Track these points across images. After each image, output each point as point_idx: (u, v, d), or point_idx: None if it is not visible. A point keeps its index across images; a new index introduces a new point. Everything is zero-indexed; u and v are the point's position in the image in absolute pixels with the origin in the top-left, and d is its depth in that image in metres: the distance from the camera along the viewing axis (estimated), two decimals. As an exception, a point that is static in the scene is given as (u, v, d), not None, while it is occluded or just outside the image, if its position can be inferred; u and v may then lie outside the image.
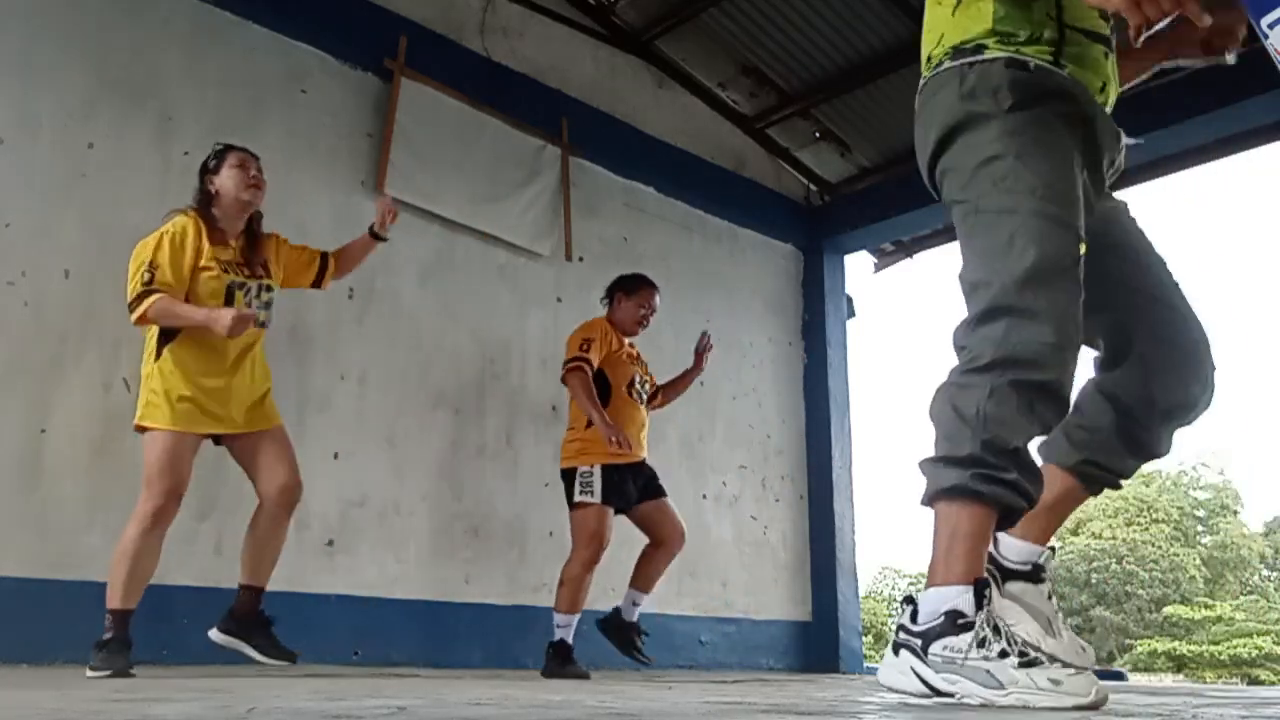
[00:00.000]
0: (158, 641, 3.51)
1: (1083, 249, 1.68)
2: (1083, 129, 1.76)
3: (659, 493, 3.96)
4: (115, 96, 3.79)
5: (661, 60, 5.81)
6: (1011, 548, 1.87)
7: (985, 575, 1.62)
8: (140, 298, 2.90)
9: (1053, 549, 1.88)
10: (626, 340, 4.07)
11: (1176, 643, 25.97)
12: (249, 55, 4.17)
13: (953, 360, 1.74)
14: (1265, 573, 32.41)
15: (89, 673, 2.85)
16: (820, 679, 4.16)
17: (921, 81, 1.89)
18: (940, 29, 1.85)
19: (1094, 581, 28.28)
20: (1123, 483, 1.95)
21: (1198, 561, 30.65)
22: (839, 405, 6.23)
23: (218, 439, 3.12)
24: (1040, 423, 1.65)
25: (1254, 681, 23.24)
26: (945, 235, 6.59)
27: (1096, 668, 1.85)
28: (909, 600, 1.66)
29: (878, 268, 6.89)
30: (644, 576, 3.97)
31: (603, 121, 5.41)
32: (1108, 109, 1.84)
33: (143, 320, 2.93)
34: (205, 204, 3.11)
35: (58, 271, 3.55)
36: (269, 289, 3.15)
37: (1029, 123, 1.70)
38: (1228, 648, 24.96)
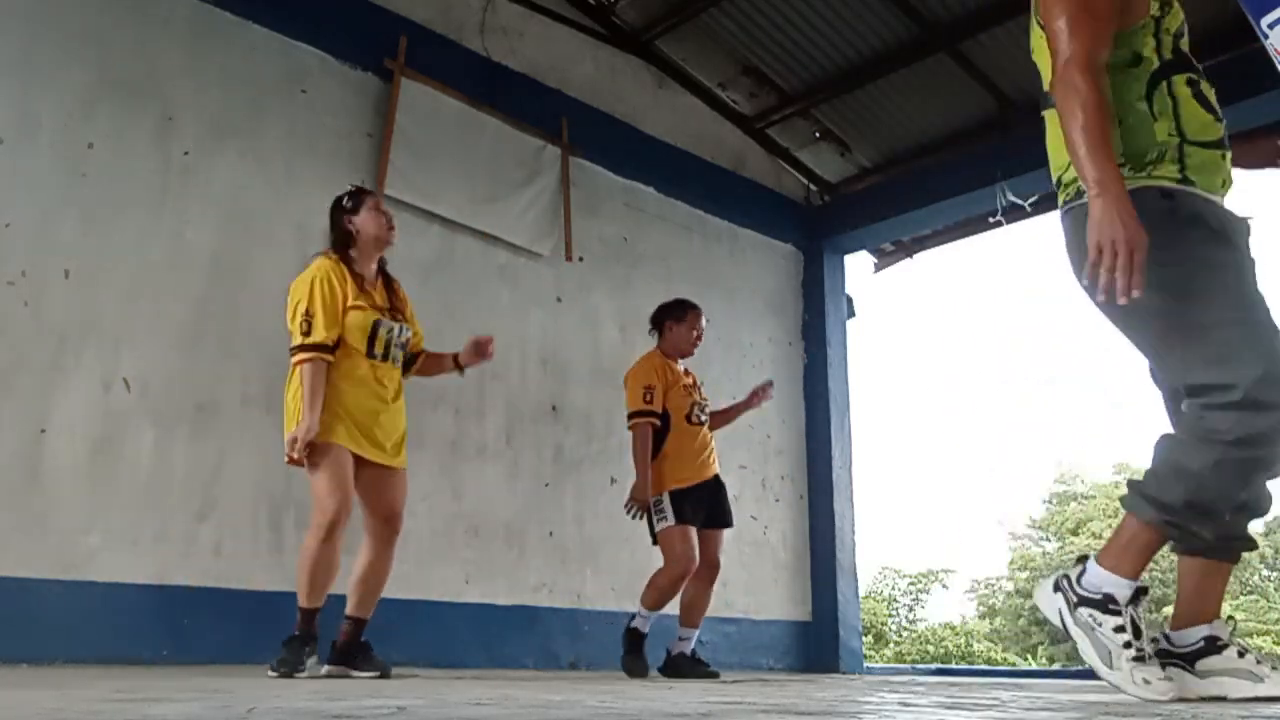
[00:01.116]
0: (158, 641, 3.51)
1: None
2: (1235, 230, 1.96)
3: (719, 523, 4.06)
4: (115, 96, 3.79)
5: (661, 60, 5.82)
6: (1179, 638, 2.03)
7: (1145, 583, 1.92)
8: (298, 350, 3.04)
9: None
10: (681, 366, 4.14)
11: (1177, 643, 25.92)
12: (249, 55, 4.17)
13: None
14: (1265, 573, 32.40)
15: (269, 672, 2.95)
16: (820, 679, 4.16)
17: (1064, 208, 2.04)
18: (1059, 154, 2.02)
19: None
20: (1253, 543, 2.09)
21: (1198, 562, 30.51)
22: (839, 405, 6.23)
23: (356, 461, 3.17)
24: (1252, 490, 1.89)
25: (1254, 681, 23.19)
26: (945, 235, 6.60)
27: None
28: (1083, 559, 1.98)
29: (878, 268, 6.89)
30: (688, 611, 4.07)
31: (603, 121, 5.41)
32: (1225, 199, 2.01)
33: (299, 360, 3.05)
34: (344, 244, 3.20)
35: (58, 271, 3.55)
36: (404, 329, 3.25)
37: (1192, 241, 1.90)
38: (1228, 648, 24.93)
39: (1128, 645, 1.86)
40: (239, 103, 4.10)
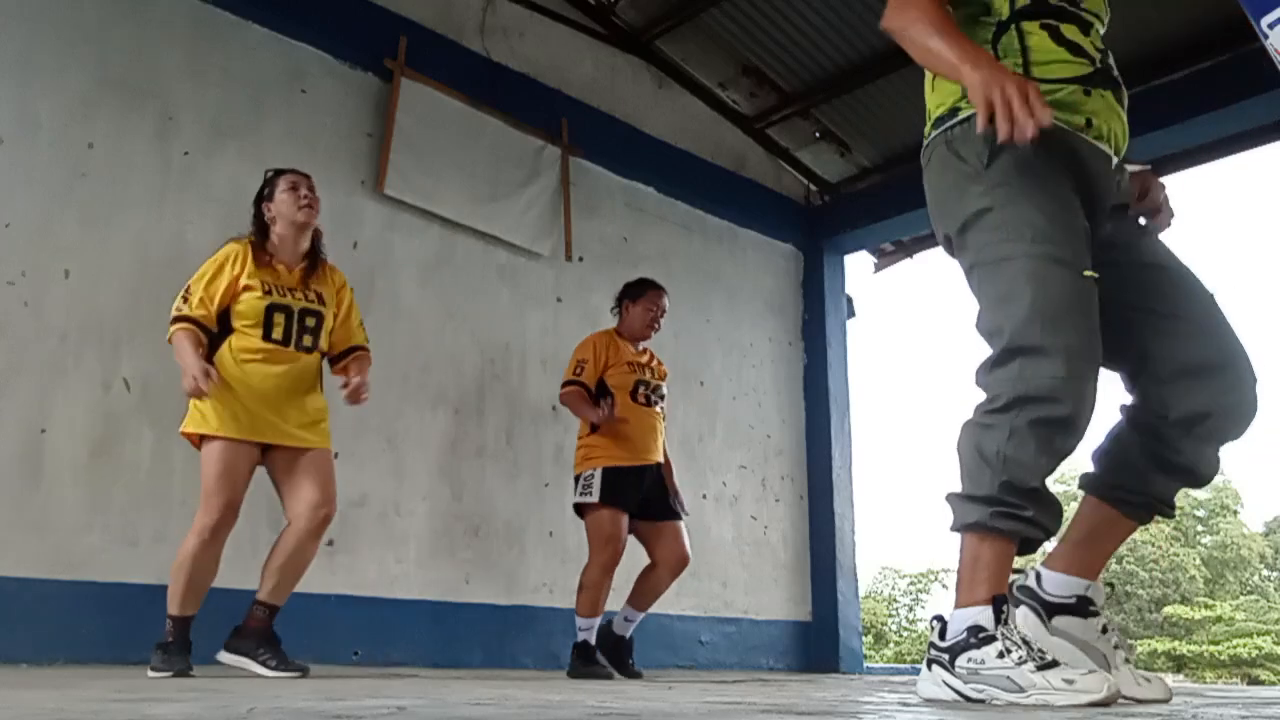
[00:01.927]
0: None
1: (1087, 275, 1.73)
2: (1070, 166, 1.81)
3: (667, 515, 3.91)
4: (115, 96, 3.79)
5: (661, 60, 5.81)
6: (1053, 581, 1.89)
7: (1004, 594, 1.71)
8: (172, 321, 2.99)
9: (1110, 585, 1.85)
10: (636, 346, 4.06)
11: (1176, 643, 25.98)
12: (249, 55, 4.17)
13: (968, 388, 1.78)
14: (1265, 573, 32.40)
15: (150, 672, 2.89)
16: (820, 679, 4.16)
17: (926, 134, 1.96)
18: (928, 106, 1.94)
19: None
20: (1169, 509, 1.93)
21: (1198, 561, 30.65)
22: (839, 405, 6.23)
23: (265, 449, 3.08)
24: (1059, 455, 1.73)
25: (1254, 681, 23.25)
26: (945, 235, 6.59)
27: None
28: (939, 619, 1.77)
29: (878, 268, 6.89)
30: (639, 595, 3.94)
31: (603, 121, 5.41)
32: (1101, 141, 1.86)
33: (171, 335, 3.00)
34: (261, 231, 3.15)
35: (58, 271, 3.55)
36: (313, 314, 3.11)
37: (1011, 170, 1.77)
38: (1228, 648, 24.97)
39: (1022, 661, 1.64)
40: (239, 103, 4.10)
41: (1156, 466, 1.88)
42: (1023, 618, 1.88)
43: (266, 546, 3.84)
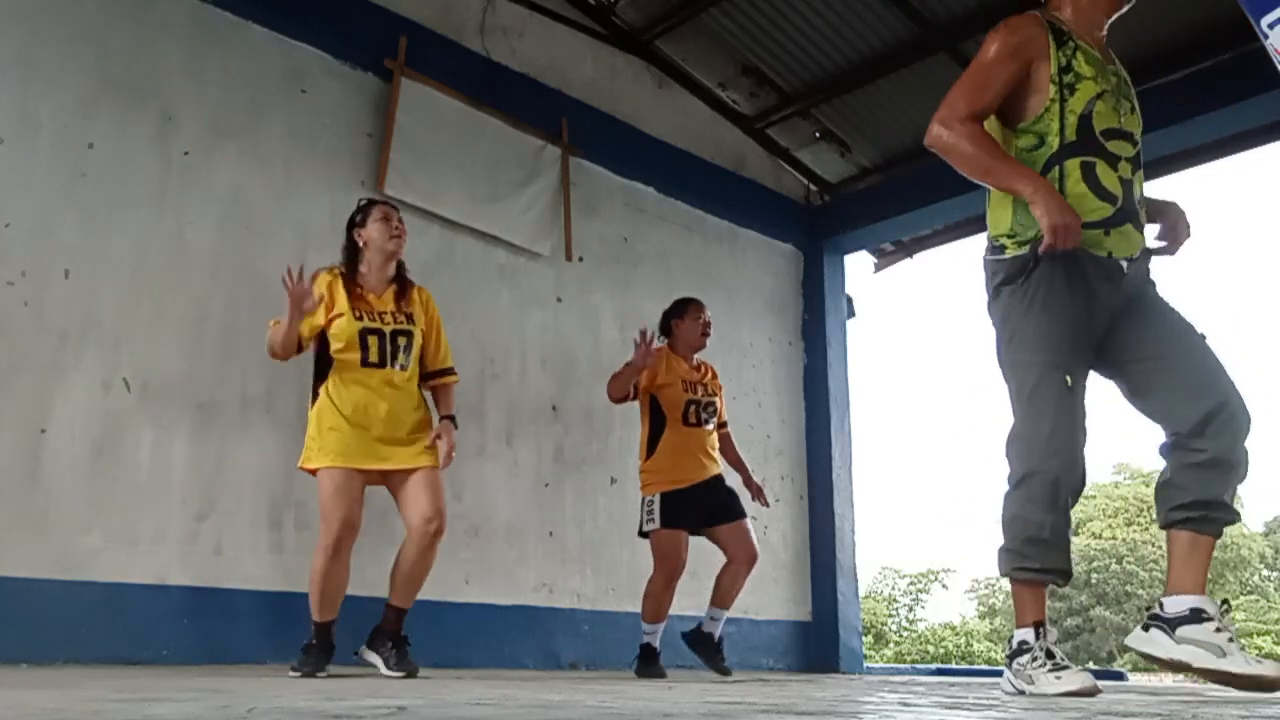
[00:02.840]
0: (158, 641, 3.51)
1: (1068, 381, 2.30)
2: (1087, 282, 2.33)
3: (733, 516, 4.11)
4: (115, 96, 3.79)
5: (661, 60, 5.81)
6: (1172, 603, 2.32)
7: (1043, 619, 2.32)
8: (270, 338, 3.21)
9: (1226, 602, 2.32)
10: (690, 363, 4.23)
11: (1176, 643, 25.91)
12: (249, 55, 4.17)
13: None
14: (1265, 573, 32.39)
15: (290, 671, 3.09)
16: (820, 679, 4.16)
17: (987, 249, 2.50)
18: (989, 212, 2.50)
19: (1094, 581, 28.28)
20: (1229, 510, 2.32)
21: (1197, 561, 30.49)
22: (839, 405, 6.23)
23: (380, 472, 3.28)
24: (1063, 508, 2.30)
25: (1254, 681, 23.18)
26: (945, 235, 6.59)
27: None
28: (1010, 639, 2.41)
29: (878, 268, 6.89)
30: (719, 593, 4.14)
31: (603, 121, 5.41)
32: (1117, 258, 2.37)
33: (271, 352, 3.23)
34: (352, 257, 3.34)
35: (58, 271, 3.55)
36: (405, 334, 3.30)
37: (1025, 294, 2.35)
38: (1228, 648, 24.92)
39: (1040, 665, 2.25)
40: (239, 103, 4.10)
41: (1192, 474, 2.29)
42: (1152, 637, 2.34)
43: (268, 547, 3.86)
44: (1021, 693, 2.27)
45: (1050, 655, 2.26)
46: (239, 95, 4.11)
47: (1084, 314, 2.34)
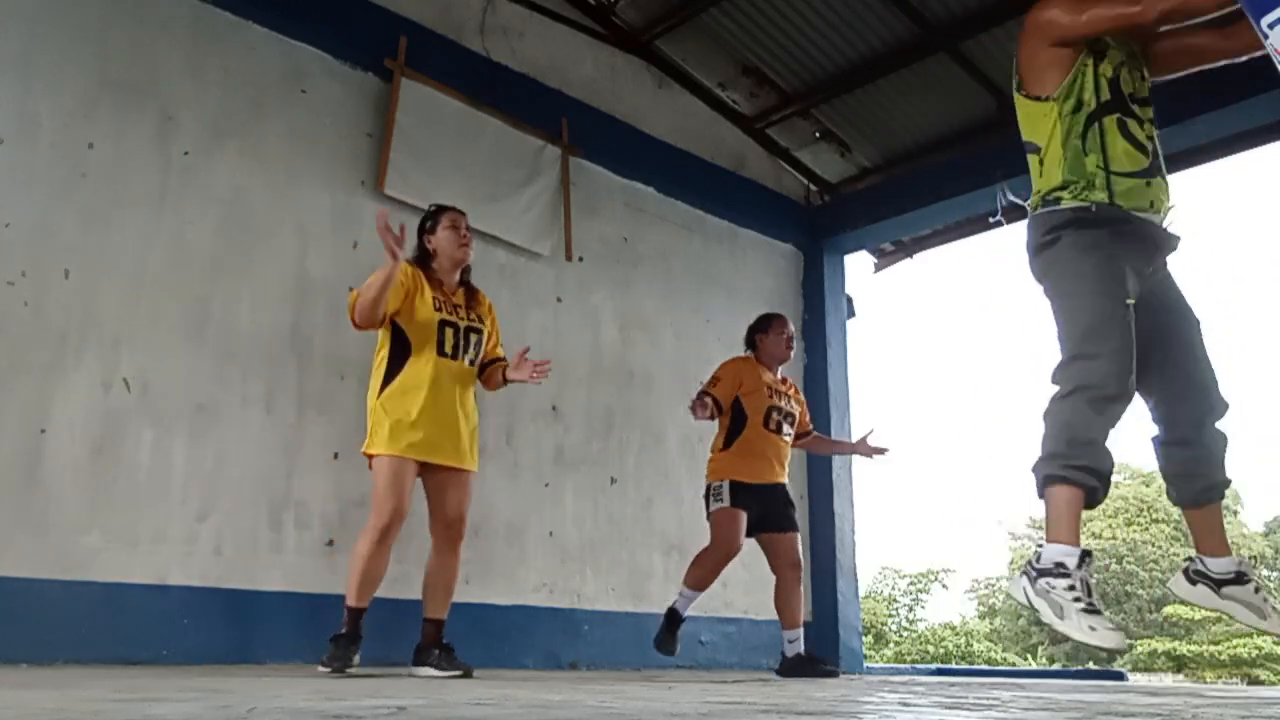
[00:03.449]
0: (158, 641, 3.51)
1: (1129, 303, 2.38)
2: (1129, 238, 2.46)
3: (785, 528, 4.27)
4: (115, 96, 3.78)
5: (661, 60, 5.81)
6: (1216, 564, 2.48)
7: (1088, 548, 2.29)
8: (351, 308, 3.26)
9: (1251, 558, 2.41)
10: (774, 373, 4.42)
11: (1176, 643, 25.96)
12: (249, 55, 4.17)
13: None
14: (1265, 573, 32.39)
15: (319, 667, 3.14)
16: (820, 679, 4.16)
17: (1029, 214, 2.62)
18: (1035, 180, 2.61)
19: (1094, 581, 28.35)
20: (1220, 476, 2.47)
21: (1197, 561, 30.49)
22: (839, 405, 6.23)
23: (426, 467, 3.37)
24: (1110, 418, 2.32)
25: (1254, 681, 23.24)
26: (945, 235, 6.59)
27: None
28: (1039, 547, 2.36)
29: (878, 268, 6.89)
30: (783, 614, 4.27)
31: (603, 121, 5.41)
32: (1160, 215, 2.52)
33: (352, 317, 3.26)
34: (423, 259, 3.47)
35: (58, 271, 3.55)
36: (476, 331, 3.46)
37: (1083, 239, 2.47)
38: (1228, 648, 24.95)
39: (1077, 599, 2.18)
40: (239, 103, 4.10)
41: (1203, 462, 2.44)
42: (1199, 591, 2.47)
43: (268, 547, 3.86)
44: (1034, 608, 2.24)
45: (1088, 591, 2.21)
46: (239, 95, 4.11)
47: (1135, 262, 2.46)
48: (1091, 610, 2.18)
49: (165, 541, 3.60)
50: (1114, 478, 2.49)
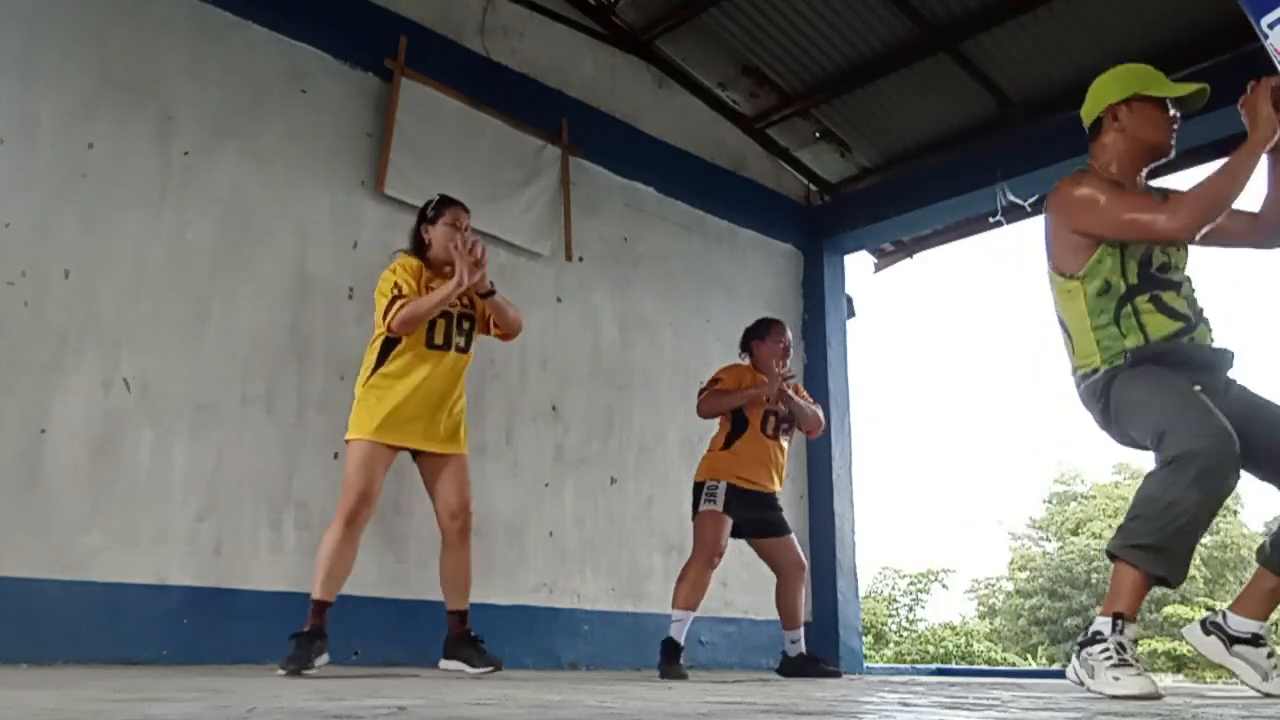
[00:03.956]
0: (158, 641, 3.51)
1: (1196, 388, 2.44)
2: (1178, 364, 2.51)
3: (781, 531, 4.24)
4: (115, 96, 3.78)
5: (661, 60, 5.81)
6: (1238, 623, 2.57)
7: (1123, 611, 2.33)
8: (390, 305, 3.24)
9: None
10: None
11: (1176, 643, 25.95)
12: (249, 55, 4.17)
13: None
14: (1265, 573, 32.32)
15: (278, 671, 3.04)
16: (820, 679, 4.16)
17: (1077, 382, 2.68)
18: (1074, 352, 2.67)
19: (1094, 581, 28.25)
20: None
21: (1198, 561, 30.58)
22: (839, 405, 6.23)
23: (413, 454, 3.41)
24: (1209, 482, 2.29)
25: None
26: (945, 235, 6.60)
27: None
28: (1088, 624, 2.43)
29: (878, 268, 6.89)
30: (785, 615, 4.27)
31: (603, 121, 5.41)
32: (1208, 339, 2.57)
33: (389, 323, 3.24)
34: (418, 248, 3.47)
35: (58, 271, 3.55)
36: (468, 318, 3.46)
37: (1131, 377, 2.52)
38: (1228, 648, 24.91)
39: (1107, 658, 2.26)
40: (239, 103, 4.10)
41: None
42: (1210, 642, 2.58)
43: (268, 547, 3.86)
44: (1081, 684, 2.31)
45: (1121, 650, 2.26)
46: (239, 95, 4.11)
47: (1192, 378, 2.49)
48: (1121, 664, 2.24)
49: (165, 541, 3.60)
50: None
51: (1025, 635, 26.93)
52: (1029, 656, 25.82)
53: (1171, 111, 2.63)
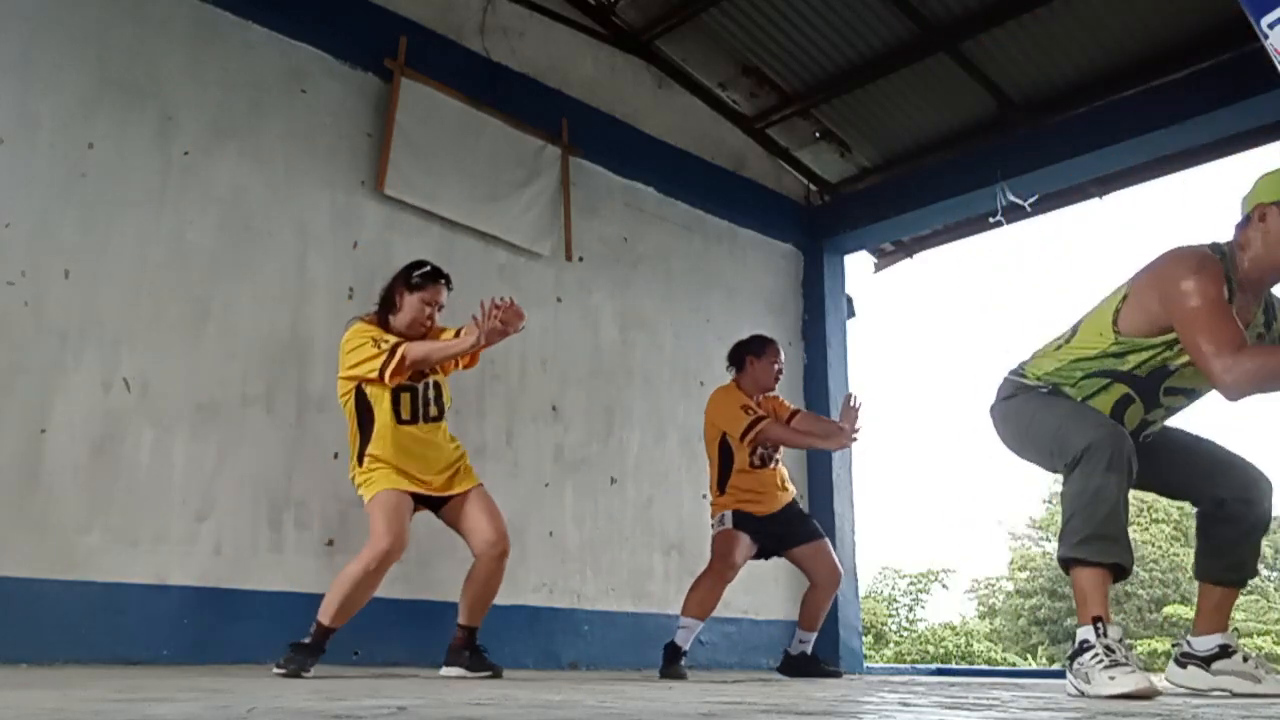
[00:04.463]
0: (158, 641, 3.51)
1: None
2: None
3: (812, 536, 4.20)
4: (115, 96, 3.78)
5: (661, 60, 5.81)
6: (1200, 643, 2.65)
7: (1099, 613, 2.37)
8: (390, 353, 3.19)
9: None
10: (755, 398, 4.24)
11: (1176, 643, 25.94)
12: (249, 55, 4.17)
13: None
14: (1265, 573, 32.38)
15: (275, 668, 3.07)
16: (820, 679, 4.16)
17: (1014, 375, 2.82)
18: (1039, 359, 2.76)
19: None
20: (1253, 568, 2.64)
21: (1184, 564, 30.58)
22: (839, 405, 6.21)
23: (428, 504, 3.39)
24: (1120, 465, 2.38)
25: (1254, 681, 23.17)
26: (945, 235, 6.60)
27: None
28: (1073, 638, 2.45)
29: (878, 268, 6.89)
30: (805, 616, 4.27)
31: (603, 121, 5.41)
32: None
33: (400, 367, 3.19)
34: (386, 309, 3.38)
35: (58, 271, 3.55)
36: (434, 385, 3.40)
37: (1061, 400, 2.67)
38: (1228, 648, 24.91)
39: (1098, 660, 2.27)
40: (239, 103, 4.10)
41: (1225, 538, 2.61)
42: (1191, 674, 2.64)
43: (268, 547, 3.86)
44: (1081, 694, 2.29)
45: (1110, 651, 2.27)
46: (239, 95, 4.11)
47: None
48: (1114, 664, 2.24)
49: (165, 541, 3.60)
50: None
51: (1025, 635, 26.93)
52: (1029, 656, 25.82)
53: None
